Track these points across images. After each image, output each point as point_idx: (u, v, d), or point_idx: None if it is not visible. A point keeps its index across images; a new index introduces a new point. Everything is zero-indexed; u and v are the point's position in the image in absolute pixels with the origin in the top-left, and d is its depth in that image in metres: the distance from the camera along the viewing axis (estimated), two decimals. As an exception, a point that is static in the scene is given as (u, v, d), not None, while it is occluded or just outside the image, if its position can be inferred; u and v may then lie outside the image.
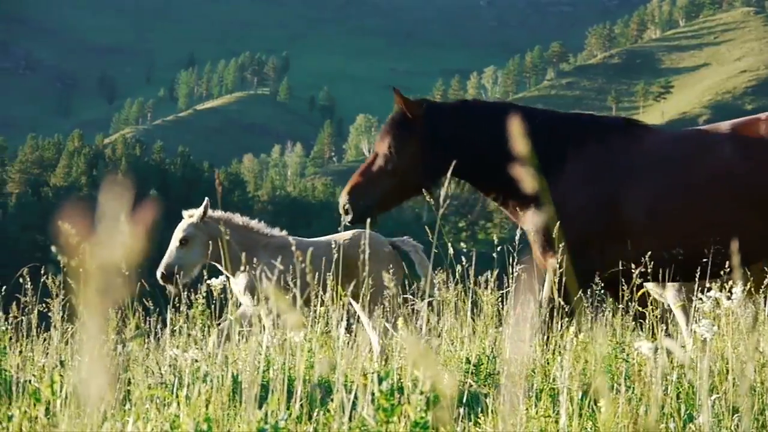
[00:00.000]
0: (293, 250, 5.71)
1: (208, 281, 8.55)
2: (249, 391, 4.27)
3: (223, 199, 7.18)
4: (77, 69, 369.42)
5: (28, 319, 8.16)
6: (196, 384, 4.73)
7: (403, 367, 5.59)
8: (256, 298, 10.63)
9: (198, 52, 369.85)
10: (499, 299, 9.03)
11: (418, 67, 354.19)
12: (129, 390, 5.22)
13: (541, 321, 8.19)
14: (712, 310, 6.70)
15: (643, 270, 7.89)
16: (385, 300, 9.80)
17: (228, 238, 11.51)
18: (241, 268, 11.06)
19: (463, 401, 5.40)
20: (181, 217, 11.72)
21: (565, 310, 7.96)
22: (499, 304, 8.96)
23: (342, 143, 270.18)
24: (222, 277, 7.69)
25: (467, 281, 8.60)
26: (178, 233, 11.49)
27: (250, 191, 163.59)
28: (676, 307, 9.87)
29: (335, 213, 9.23)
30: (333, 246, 11.03)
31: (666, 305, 10.33)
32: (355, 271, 11.00)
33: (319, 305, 8.36)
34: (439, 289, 9.15)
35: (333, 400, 4.24)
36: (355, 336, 10.53)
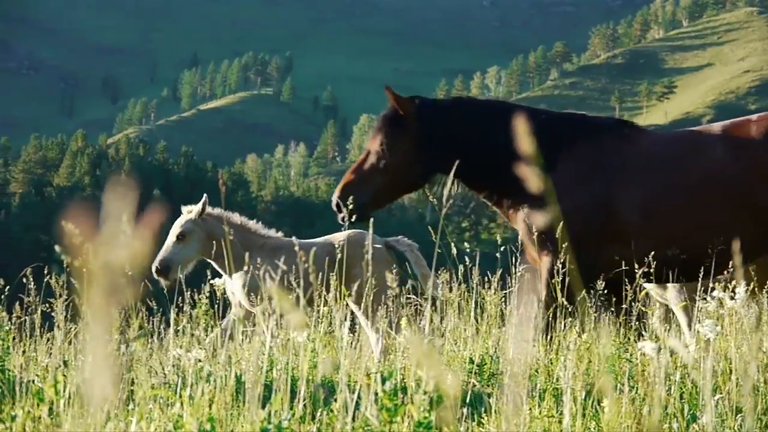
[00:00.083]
0: (296, 250, 5.72)
1: (212, 281, 8.55)
2: (252, 390, 4.27)
3: (227, 199, 7.18)
4: (80, 69, 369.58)
5: (31, 319, 8.17)
6: (200, 384, 4.74)
7: (407, 367, 5.59)
8: (259, 297, 10.64)
9: (201, 52, 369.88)
10: (503, 299, 9.02)
11: (422, 67, 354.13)
12: (132, 390, 5.22)
13: (541, 320, 8.18)
14: (716, 310, 6.71)
15: (643, 270, 7.89)
16: (388, 300, 9.80)
17: (228, 237, 11.57)
18: (242, 267, 11.11)
19: (467, 401, 5.39)
20: (184, 217, 11.81)
21: (568, 310, 7.95)
22: (502, 304, 8.96)
23: (345, 143, 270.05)
24: (225, 277, 7.72)
25: (470, 281, 8.59)
26: (176, 228, 11.58)
27: (253, 191, 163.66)
28: (677, 307, 9.87)
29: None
30: (336, 246, 11.05)
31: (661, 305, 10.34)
32: (350, 271, 11.03)
33: (322, 305, 8.36)
34: (443, 289, 9.14)
35: (336, 400, 4.24)
36: (358, 336, 10.54)
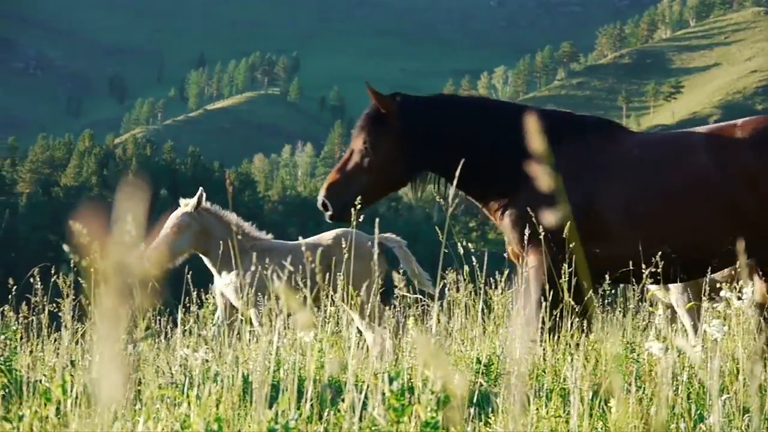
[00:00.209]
0: (303, 251, 5.74)
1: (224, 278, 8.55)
2: (259, 390, 4.27)
3: (234, 199, 7.19)
4: (88, 69, 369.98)
5: (38, 318, 8.18)
6: (207, 384, 4.74)
7: (414, 367, 5.59)
8: (266, 297, 10.66)
9: (208, 52, 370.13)
10: (510, 299, 9.01)
11: (429, 67, 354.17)
12: (139, 390, 5.23)
13: (536, 320, 8.15)
14: (723, 310, 6.70)
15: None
16: (396, 300, 9.82)
17: (216, 235, 11.66)
18: (233, 267, 11.22)
19: (474, 401, 5.39)
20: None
21: (573, 309, 7.94)
22: (510, 304, 8.95)
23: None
24: (232, 275, 7.73)
25: (477, 281, 8.58)
26: (172, 219, 11.66)
27: (260, 191, 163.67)
28: (680, 308, 9.87)
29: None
30: (324, 246, 11.12)
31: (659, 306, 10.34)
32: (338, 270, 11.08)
33: (329, 305, 8.37)
34: (449, 289, 9.14)
35: (343, 399, 4.24)
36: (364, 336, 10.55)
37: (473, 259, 8.49)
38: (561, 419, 5.39)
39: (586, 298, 7.44)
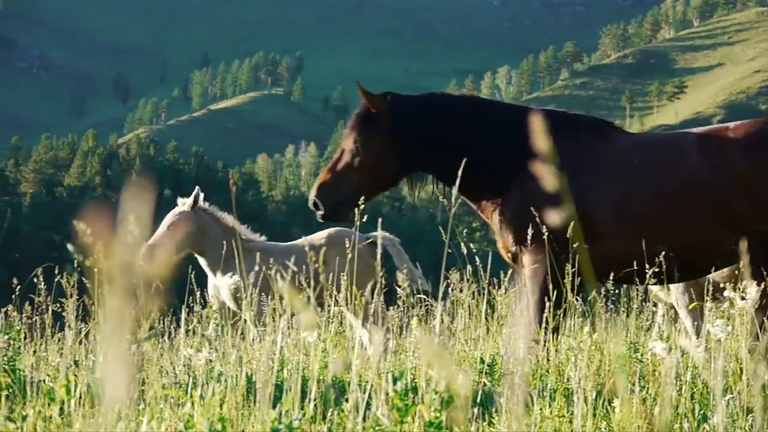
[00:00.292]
0: (308, 251, 5.74)
1: (225, 279, 8.56)
2: (263, 390, 4.27)
3: (237, 199, 7.19)
4: (91, 69, 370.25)
5: (42, 319, 8.19)
6: (210, 384, 4.74)
7: (418, 367, 5.59)
8: (270, 297, 10.68)
9: (212, 52, 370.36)
10: (514, 299, 9.01)
11: (432, 67, 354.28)
12: (143, 390, 5.23)
13: (534, 319, 8.15)
14: (727, 310, 6.70)
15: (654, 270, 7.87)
16: (400, 301, 9.83)
17: (212, 236, 11.68)
18: (229, 269, 11.27)
19: (477, 401, 5.39)
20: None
21: (576, 308, 7.93)
22: (513, 304, 8.95)
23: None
24: (236, 277, 7.74)
25: (481, 281, 8.58)
26: (169, 218, 11.70)
27: (264, 191, 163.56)
28: (682, 309, 9.86)
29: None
30: (316, 246, 11.17)
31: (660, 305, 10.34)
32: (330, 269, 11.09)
33: (333, 304, 8.37)
34: (453, 290, 9.13)
35: (347, 399, 4.24)
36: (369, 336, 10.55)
37: (476, 259, 8.49)
38: (565, 419, 5.39)
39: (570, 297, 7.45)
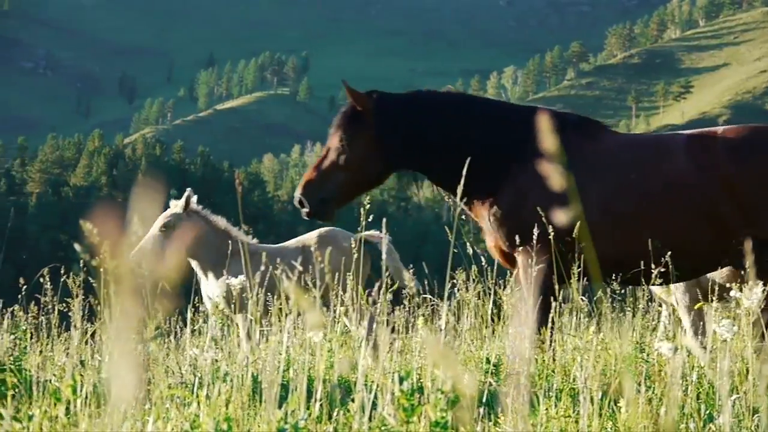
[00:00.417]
0: (312, 251, 5.75)
1: (227, 281, 8.56)
2: (269, 390, 4.28)
3: (243, 199, 7.19)
4: (97, 69, 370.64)
5: (48, 318, 8.20)
6: (216, 384, 4.75)
7: (424, 367, 5.59)
8: (275, 301, 10.69)
9: (218, 52, 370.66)
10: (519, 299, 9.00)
11: (438, 67, 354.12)
12: (149, 390, 5.23)
13: (532, 319, 8.13)
14: (732, 310, 6.70)
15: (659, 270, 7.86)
16: (405, 299, 9.82)
17: (204, 238, 11.70)
18: (221, 272, 11.27)
19: (483, 401, 5.39)
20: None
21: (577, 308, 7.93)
22: (518, 304, 8.94)
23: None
24: (241, 277, 7.73)
25: (486, 281, 8.57)
26: (161, 220, 11.68)
27: (269, 191, 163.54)
28: (682, 309, 9.85)
29: (355, 211, 9.23)
30: (307, 246, 11.17)
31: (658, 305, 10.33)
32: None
33: (340, 305, 8.37)
34: (459, 289, 9.13)
35: (353, 399, 4.24)
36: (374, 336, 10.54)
37: (482, 259, 8.48)
38: (570, 419, 5.39)
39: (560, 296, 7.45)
